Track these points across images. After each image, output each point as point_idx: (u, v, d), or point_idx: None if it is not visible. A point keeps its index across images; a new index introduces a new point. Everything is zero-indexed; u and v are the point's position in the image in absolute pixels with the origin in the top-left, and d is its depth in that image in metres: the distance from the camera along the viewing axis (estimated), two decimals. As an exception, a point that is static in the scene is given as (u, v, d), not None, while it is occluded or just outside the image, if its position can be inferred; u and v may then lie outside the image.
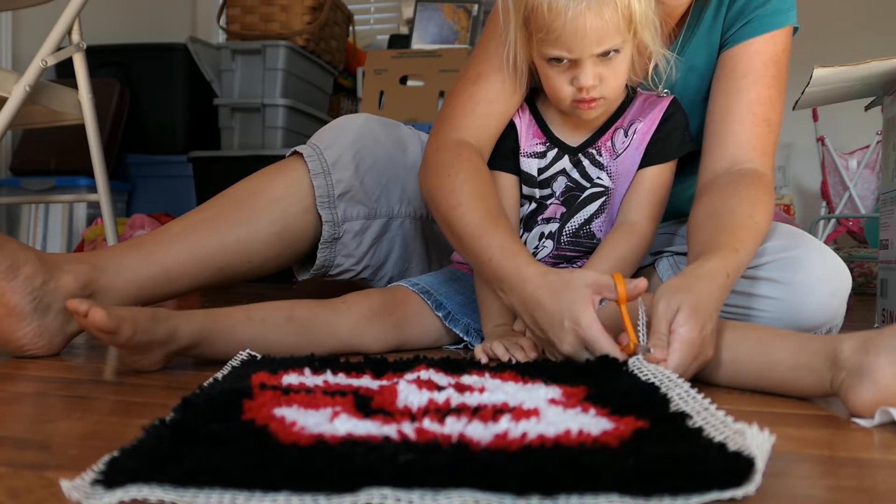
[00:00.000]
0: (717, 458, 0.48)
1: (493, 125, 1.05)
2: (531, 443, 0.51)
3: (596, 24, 0.90)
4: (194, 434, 0.52)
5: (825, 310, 0.97)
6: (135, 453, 0.48)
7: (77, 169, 2.61)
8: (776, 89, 1.04)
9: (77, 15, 1.63)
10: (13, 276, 0.92)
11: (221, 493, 0.44)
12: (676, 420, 0.58)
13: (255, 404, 0.60)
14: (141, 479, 0.44)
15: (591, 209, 1.06)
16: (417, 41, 2.71)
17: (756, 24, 1.03)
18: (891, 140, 1.50)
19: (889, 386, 0.65)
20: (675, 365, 0.74)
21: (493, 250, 0.92)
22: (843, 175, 2.92)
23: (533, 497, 0.43)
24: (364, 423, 0.55)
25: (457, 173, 0.99)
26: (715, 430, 0.55)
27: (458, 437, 0.52)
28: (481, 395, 0.65)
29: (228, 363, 0.82)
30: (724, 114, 1.03)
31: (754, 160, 1.00)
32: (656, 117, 1.04)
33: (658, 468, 0.46)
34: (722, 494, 0.45)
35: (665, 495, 0.44)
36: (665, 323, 0.76)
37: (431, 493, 0.44)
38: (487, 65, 1.05)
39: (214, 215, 1.10)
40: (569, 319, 0.81)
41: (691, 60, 1.08)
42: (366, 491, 0.43)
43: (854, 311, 1.88)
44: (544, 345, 0.88)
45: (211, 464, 0.45)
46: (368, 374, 0.77)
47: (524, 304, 0.87)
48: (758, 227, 0.92)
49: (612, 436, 0.53)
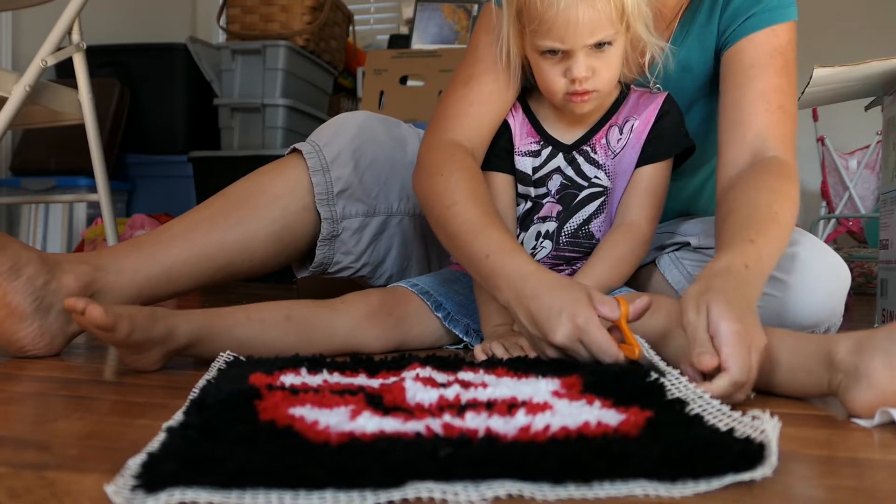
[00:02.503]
0: (733, 443, 0.51)
1: (487, 126, 1.05)
2: (556, 435, 0.53)
3: (589, 15, 0.90)
4: (222, 436, 0.52)
5: (824, 308, 0.97)
6: (170, 456, 0.48)
7: (77, 169, 2.61)
8: (787, 79, 1.01)
9: (77, 15, 1.63)
10: (15, 276, 0.93)
11: (266, 493, 0.44)
12: (677, 408, 0.61)
13: (267, 405, 0.60)
14: (182, 482, 0.44)
15: (590, 209, 1.06)
16: (417, 41, 2.71)
17: (755, 20, 1.02)
18: (891, 140, 1.50)
19: (886, 387, 0.65)
20: (735, 364, 0.67)
21: (490, 247, 0.90)
22: (843, 175, 2.92)
23: (569, 485, 0.46)
24: (387, 421, 0.56)
25: (450, 173, 0.98)
26: (713, 417, 0.59)
27: (485, 431, 0.53)
28: (485, 391, 0.67)
29: (213, 365, 0.82)
30: (735, 105, 1.00)
31: (775, 148, 0.96)
32: (651, 115, 1.04)
33: (681, 455, 0.49)
34: (739, 477, 0.48)
35: (688, 480, 0.47)
36: (702, 329, 0.71)
37: (473, 485, 0.45)
38: (479, 66, 1.05)
39: (214, 214, 1.10)
40: (567, 312, 0.79)
41: (686, 61, 1.08)
42: (410, 485, 0.45)
43: (854, 311, 1.88)
44: (535, 341, 0.85)
45: (253, 465, 0.45)
46: (363, 373, 0.77)
47: (521, 298, 0.84)
48: (776, 216, 0.87)
49: (630, 426, 0.55)
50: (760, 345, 0.70)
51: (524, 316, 0.84)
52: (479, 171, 1.02)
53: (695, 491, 0.47)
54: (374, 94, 2.51)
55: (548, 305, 0.81)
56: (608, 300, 0.80)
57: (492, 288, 0.90)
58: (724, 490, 0.48)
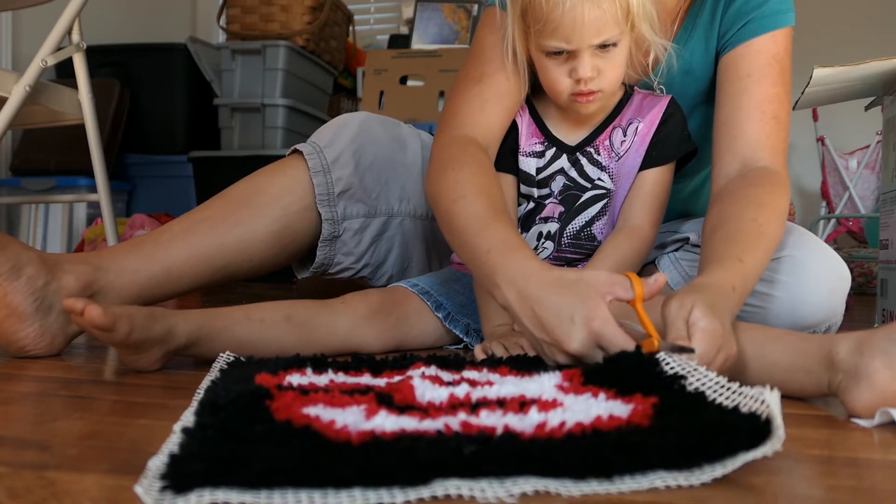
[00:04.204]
0: (742, 421, 0.52)
1: (500, 124, 1.04)
2: (572, 430, 0.53)
3: (594, 15, 0.90)
4: (243, 436, 0.52)
5: (824, 308, 0.97)
6: (194, 457, 0.47)
7: (77, 169, 2.61)
8: (783, 88, 1.02)
9: (77, 15, 1.63)
10: (16, 276, 0.93)
11: (295, 493, 0.44)
12: (677, 388, 0.62)
13: (280, 405, 0.60)
14: (210, 482, 0.44)
15: (593, 211, 1.06)
16: (417, 41, 2.71)
17: (754, 25, 1.03)
18: (891, 140, 1.50)
19: (886, 388, 0.65)
20: (700, 354, 0.69)
21: (492, 242, 0.85)
22: (843, 175, 2.92)
23: (592, 480, 0.47)
24: (404, 419, 0.56)
25: (461, 167, 0.96)
26: (714, 392, 0.60)
27: (504, 428, 0.53)
28: (492, 389, 0.67)
29: (214, 366, 0.82)
30: (730, 115, 1.01)
31: (765, 159, 0.98)
32: (655, 118, 1.04)
33: (695, 441, 0.50)
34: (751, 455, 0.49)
35: (704, 464, 0.49)
36: (681, 320, 0.72)
37: (498, 482, 0.46)
38: (490, 65, 1.04)
39: (214, 214, 1.10)
40: (580, 315, 0.74)
41: (689, 64, 1.08)
42: (438, 482, 0.45)
43: (854, 311, 1.88)
44: (544, 346, 0.79)
45: (282, 465, 0.45)
46: (367, 372, 0.77)
47: (523, 299, 0.79)
48: (762, 231, 0.87)
49: (640, 416, 0.56)
50: (731, 351, 0.73)
51: (528, 319, 0.79)
52: (491, 166, 1.01)
53: (712, 476, 0.48)
54: (374, 94, 2.51)
55: (556, 308, 0.76)
56: (620, 280, 0.76)
57: (491, 286, 0.85)
58: (725, 490, 0.48)
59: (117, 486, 0.48)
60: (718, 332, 0.71)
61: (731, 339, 0.73)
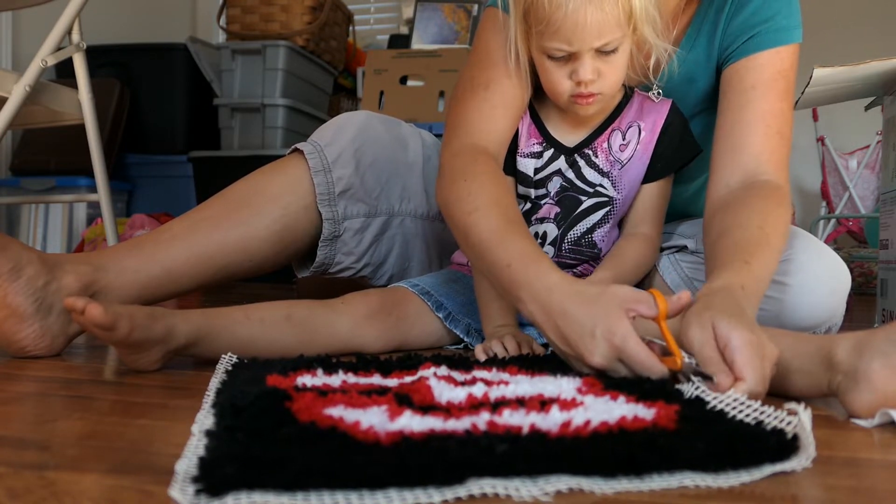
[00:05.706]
0: (768, 435, 0.53)
1: (509, 130, 1.04)
2: (598, 430, 0.54)
3: (596, 17, 0.90)
4: (271, 438, 0.52)
5: (824, 308, 0.97)
6: (225, 459, 0.47)
7: (77, 169, 2.61)
8: (787, 104, 1.00)
9: (77, 15, 1.63)
10: (16, 277, 0.93)
11: (331, 494, 0.44)
12: (698, 403, 0.64)
13: (300, 406, 0.60)
14: (244, 485, 0.44)
15: (594, 219, 1.06)
16: (417, 41, 2.71)
17: (760, 40, 1.01)
18: (891, 140, 1.50)
19: (886, 389, 0.65)
20: (750, 374, 0.66)
21: (511, 255, 0.85)
22: (843, 175, 2.93)
23: (622, 478, 0.48)
24: (429, 419, 0.56)
25: (473, 178, 0.95)
26: (734, 410, 0.61)
27: (530, 427, 0.54)
28: (508, 388, 0.67)
29: (218, 367, 0.82)
30: (733, 125, 0.99)
31: (769, 172, 0.96)
32: (657, 126, 1.04)
33: (724, 448, 0.51)
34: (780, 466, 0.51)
35: (730, 471, 0.50)
36: (709, 346, 0.69)
37: (531, 481, 0.46)
38: (496, 70, 1.03)
39: (215, 214, 1.10)
40: (602, 329, 0.74)
41: (691, 72, 1.08)
42: (472, 482, 0.45)
43: (854, 311, 1.88)
44: (569, 360, 0.80)
45: (315, 466, 0.45)
46: (376, 373, 0.77)
47: (547, 313, 0.79)
48: (768, 239, 0.87)
49: (665, 420, 0.56)
50: (773, 356, 0.70)
51: (553, 333, 0.79)
52: (502, 175, 1.01)
53: (738, 481, 0.49)
54: (374, 94, 2.50)
55: (579, 323, 0.76)
56: (644, 297, 0.75)
57: (515, 300, 0.85)
58: (725, 490, 0.48)
59: (117, 485, 0.48)
60: (753, 340, 0.68)
61: (765, 339, 0.70)
